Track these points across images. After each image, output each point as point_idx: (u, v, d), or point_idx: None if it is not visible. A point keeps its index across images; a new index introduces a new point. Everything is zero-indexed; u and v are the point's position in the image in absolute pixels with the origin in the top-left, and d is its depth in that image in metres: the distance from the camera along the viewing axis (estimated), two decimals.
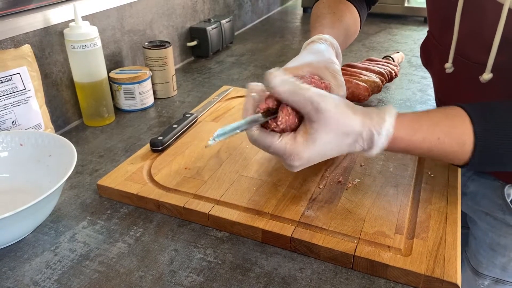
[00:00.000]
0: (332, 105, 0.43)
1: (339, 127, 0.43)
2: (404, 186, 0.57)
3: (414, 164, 0.62)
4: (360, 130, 0.44)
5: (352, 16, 0.71)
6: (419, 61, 1.03)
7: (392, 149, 0.47)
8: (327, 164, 0.62)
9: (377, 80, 0.86)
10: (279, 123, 0.44)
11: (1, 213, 0.44)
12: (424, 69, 1.03)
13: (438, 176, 0.59)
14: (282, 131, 0.45)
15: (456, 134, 0.47)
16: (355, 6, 0.72)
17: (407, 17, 1.50)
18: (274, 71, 0.43)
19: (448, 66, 0.63)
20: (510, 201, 0.68)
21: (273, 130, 0.45)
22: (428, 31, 0.76)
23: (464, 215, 0.77)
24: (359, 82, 0.82)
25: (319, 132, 0.43)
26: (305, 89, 0.43)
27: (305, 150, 0.43)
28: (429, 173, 0.60)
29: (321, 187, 0.57)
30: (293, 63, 0.55)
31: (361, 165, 0.62)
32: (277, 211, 0.52)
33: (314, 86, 0.47)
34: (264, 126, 0.46)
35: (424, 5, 0.79)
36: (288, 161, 0.45)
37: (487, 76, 0.54)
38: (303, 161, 0.44)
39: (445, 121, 0.47)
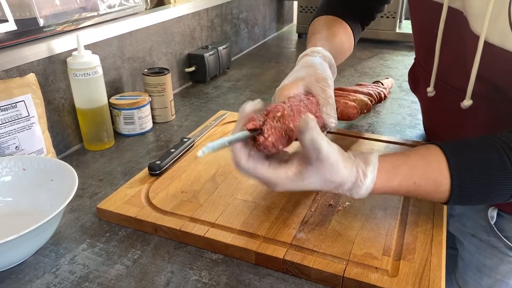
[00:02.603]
0: (333, 159, 0.46)
1: (327, 176, 0.46)
2: (392, 209, 0.59)
3: None
4: (344, 182, 0.47)
5: (346, 33, 0.75)
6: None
7: (373, 194, 0.49)
8: None
9: (365, 99, 0.89)
10: (266, 135, 0.46)
11: (4, 236, 0.46)
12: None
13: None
14: (269, 148, 0.47)
15: (432, 176, 0.49)
16: (349, 25, 0.76)
17: (398, 43, 1.55)
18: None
19: (430, 90, 0.66)
20: (493, 223, 0.70)
21: (260, 146, 0.47)
22: (415, 58, 0.80)
23: (453, 237, 0.79)
24: (347, 101, 0.85)
25: (310, 174, 0.46)
26: (320, 139, 0.45)
27: (291, 184, 0.47)
28: None
29: (312, 210, 0.59)
30: (288, 79, 0.59)
31: None
32: (270, 234, 0.54)
33: (303, 110, 0.50)
34: (253, 143, 0.48)
35: None
36: (271, 187, 0.48)
37: (467, 102, 0.58)
38: (285, 189, 0.48)
39: (421, 164, 0.50)
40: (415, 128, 0.90)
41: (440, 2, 0.59)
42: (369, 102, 0.90)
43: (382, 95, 0.99)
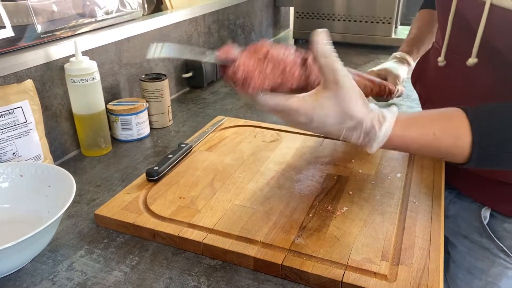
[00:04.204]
0: (350, 85, 0.46)
1: (346, 106, 0.46)
2: (390, 214, 0.59)
3: (399, 192, 0.65)
4: (362, 119, 0.47)
5: (430, 24, 0.89)
6: (406, 91, 1.08)
7: (390, 146, 0.49)
8: (317, 192, 0.64)
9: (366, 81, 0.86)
10: (235, 68, 0.47)
11: (2, 243, 0.46)
12: (411, 99, 1.08)
13: (422, 204, 0.62)
14: (239, 83, 0.47)
15: (452, 129, 0.49)
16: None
17: (394, 48, 1.55)
18: (321, 32, 0.47)
19: (441, 60, 0.68)
20: (486, 224, 0.71)
21: (228, 79, 0.48)
22: (433, 43, 0.81)
23: (445, 240, 0.80)
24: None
25: (329, 100, 0.46)
26: (336, 61, 0.46)
27: (312, 110, 0.46)
28: (414, 201, 0.62)
29: (310, 215, 0.59)
30: None
31: (349, 193, 0.65)
32: (268, 239, 0.54)
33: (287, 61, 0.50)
34: (222, 74, 0.49)
35: None
36: (293, 117, 0.47)
37: (472, 60, 0.59)
38: (307, 118, 0.47)
39: (442, 118, 0.50)
40: None
41: None
42: (369, 83, 0.86)
43: (387, 89, 0.93)
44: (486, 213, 0.71)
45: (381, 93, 0.92)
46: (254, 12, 1.56)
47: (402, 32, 1.62)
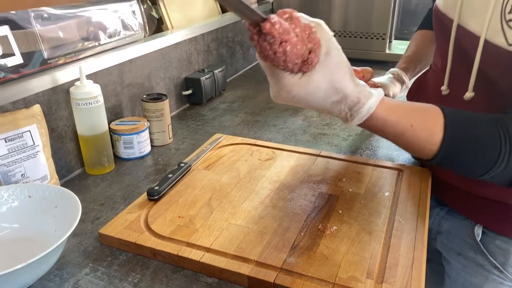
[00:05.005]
0: (341, 58, 0.49)
1: (334, 79, 0.49)
2: (376, 233, 0.63)
3: (387, 211, 0.68)
4: (349, 93, 0.50)
5: (430, 44, 0.92)
6: None
7: (368, 124, 0.53)
8: (309, 211, 0.68)
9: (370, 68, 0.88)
10: (272, 20, 0.43)
11: (13, 263, 0.49)
12: None
13: (407, 222, 0.65)
14: (280, 39, 0.44)
15: (428, 125, 0.54)
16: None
17: (388, 63, 1.60)
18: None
19: (444, 89, 0.72)
20: (479, 241, 0.74)
21: (268, 33, 0.44)
22: (431, 65, 0.85)
23: (440, 253, 0.83)
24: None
25: (317, 72, 0.48)
26: (331, 34, 0.50)
27: (296, 83, 0.48)
28: (400, 220, 0.66)
29: (302, 234, 0.63)
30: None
31: (339, 212, 0.68)
32: (262, 258, 0.58)
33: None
34: (260, 34, 0.45)
35: (403, 52, 1.01)
36: (276, 88, 0.49)
37: (469, 94, 0.64)
38: (290, 93, 0.48)
39: (421, 112, 0.55)
40: (401, 150, 0.94)
41: (451, 17, 0.67)
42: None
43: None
44: (478, 231, 0.75)
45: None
46: None
47: (396, 46, 1.67)
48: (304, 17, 0.50)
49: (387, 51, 1.57)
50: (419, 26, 0.99)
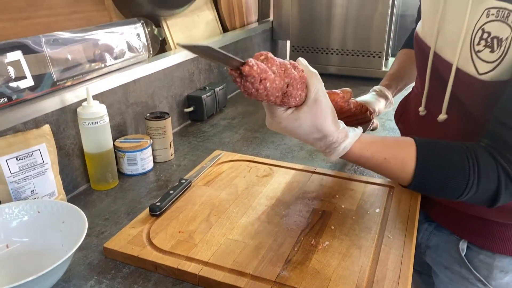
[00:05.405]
0: (326, 105, 0.58)
1: (317, 121, 0.58)
2: (366, 248, 0.67)
3: (377, 227, 0.72)
4: (328, 134, 0.59)
5: (411, 62, 0.94)
6: (392, 124, 1.16)
7: (345, 158, 0.62)
8: (303, 227, 0.72)
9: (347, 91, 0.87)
10: (250, 63, 0.49)
11: (22, 275, 0.53)
12: (398, 133, 1.15)
13: (396, 238, 0.69)
14: (256, 81, 0.50)
15: (400, 156, 0.61)
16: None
17: None
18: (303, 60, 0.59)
19: (421, 110, 0.77)
20: (464, 255, 0.77)
21: (248, 74, 0.49)
22: (413, 87, 0.90)
23: (429, 268, 0.87)
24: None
25: (304, 113, 0.57)
26: (321, 81, 0.58)
27: (287, 117, 0.58)
28: (389, 235, 0.69)
29: (295, 249, 0.66)
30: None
31: (332, 228, 0.72)
32: (257, 272, 0.61)
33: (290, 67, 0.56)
34: (240, 79, 0.51)
35: None
36: (272, 117, 0.59)
37: (442, 116, 0.69)
38: (281, 124, 0.59)
39: (394, 145, 0.63)
40: None
41: (428, 44, 0.72)
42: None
43: (364, 109, 0.92)
44: (463, 245, 0.78)
45: (362, 114, 0.92)
46: (252, 46, 1.66)
47: None
48: (303, 64, 0.59)
49: (383, 69, 1.61)
50: (403, 45, 1.04)
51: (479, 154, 0.58)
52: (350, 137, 0.61)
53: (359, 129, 0.63)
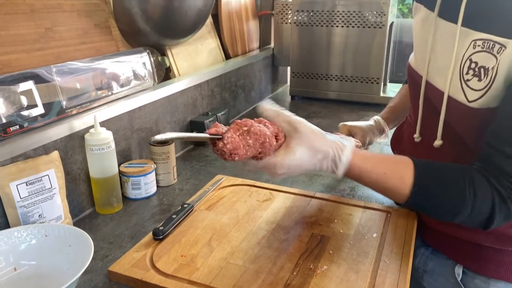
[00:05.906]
0: (307, 127, 0.61)
1: (311, 144, 0.60)
2: (363, 272, 0.68)
3: (374, 252, 0.74)
4: (327, 150, 0.61)
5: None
6: (389, 150, 1.18)
7: (349, 174, 0.64)
8: (302, 251, 0.74)
9: None
10: (225, 141, 0.58)
11: None
12: None
13: (392, 263, 0.71)
14: (227, 155, 0.59)
15: (399, 172, 0.63)
16: None
17: (381, 105, 1.68)
18: (265, 104, 0.63)
19: (416, 136, 0.80)
20: (460, 280, 0.79)
21: (218, 150, 0.60)
22: (407, 116, 0.93)
23: None
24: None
25: (296, 145, 0.60)
26: (287, 115, 0.62)
27: (285, 159, 0.60)
28: (385, 260, 0.71)
29: (294, 273, 0.68)
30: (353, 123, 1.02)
31: (330, 252, 0.74)
32: None
33: (268, 131, 0.63)
34: (213, 147, 0.60)
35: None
36: (273, 170, 0.61)
37: (437, 142, 0.71)
38: (284, 168, 0.60)
39: (392, 161, 0.66)
40: None
41: (420, 74, 0.76)
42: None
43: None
44: (459, 270, 0.80)
45: None
46: (254, 73, 1.71)
47: (391, 89, 1.76)
48: (287, 115, 0.63)
49: (381, 94, 1.65)
50: (405, 81, 1.08)
51: (474, 175, 0.61)
52: (347, 146, 0.64)
53: (349, 138, 0.66)
